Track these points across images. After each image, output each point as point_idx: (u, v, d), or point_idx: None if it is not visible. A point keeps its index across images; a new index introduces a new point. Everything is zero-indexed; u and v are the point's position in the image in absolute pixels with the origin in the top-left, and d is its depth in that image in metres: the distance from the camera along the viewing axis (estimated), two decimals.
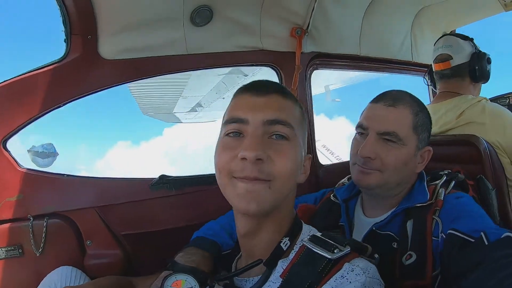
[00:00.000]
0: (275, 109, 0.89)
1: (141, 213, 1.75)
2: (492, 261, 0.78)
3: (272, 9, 1.91)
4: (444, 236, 1.04)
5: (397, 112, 1.24)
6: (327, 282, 0.80)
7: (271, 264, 0.90)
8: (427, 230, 1.12)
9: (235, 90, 1.01)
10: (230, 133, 0.89)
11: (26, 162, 1.62)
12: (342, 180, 1.61)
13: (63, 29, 1.49)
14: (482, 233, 0.90)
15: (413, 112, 1.25)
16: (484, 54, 1.97)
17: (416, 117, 1.25)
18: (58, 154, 1.70)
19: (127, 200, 1.72)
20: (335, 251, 0.85)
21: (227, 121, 0.91)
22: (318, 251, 0.86)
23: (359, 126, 1.31)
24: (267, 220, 0.90)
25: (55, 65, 1.53)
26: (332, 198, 1.48)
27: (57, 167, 1.71)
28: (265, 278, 0.89)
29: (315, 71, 2.27)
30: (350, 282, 0.78)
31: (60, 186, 1.64)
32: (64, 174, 1.64)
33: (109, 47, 1.60)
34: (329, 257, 0.84)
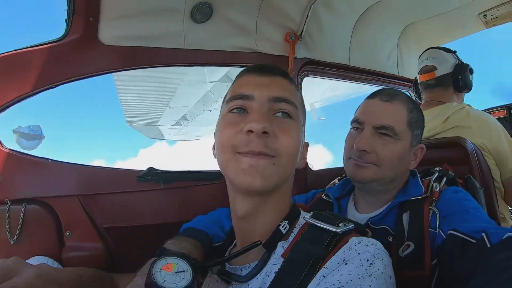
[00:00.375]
0: (280, 87, 0.90)
1: (126, 206, 1.67)
2: (494, 264, 0.76)
3: (269, 13, 1.95)
4: (444, 235, 1.03)
5: (393, 107, 1.26)
6: (336, 254, 0.78)
7: (270, 246, 0.87)
8: (424, 220, 1.13)
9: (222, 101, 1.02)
10: (234, 109, 0.89)
11: (10, 142, 1.55)
12: (333, 181, 1.61)
13: (66, 8, 1.47)
14: (483, 234, 0.88)
15: (408, 109, 1.27)
16: (467, 65, 2.09)
17: (411, 114, 1.27)
18: (44, 137, 1.64)
19: (112, 190, 1.65)
20: (340, 224, 0.85)
21: (231, 98, 0.91)
22: (323, 225, 0.86)
23: (354, 121, 1.33)
24: (267, 200, 0.89)
25: (52, 44, 1.50)
26: (323, 197, 1.47)
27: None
28: (264, 261, 0.86)
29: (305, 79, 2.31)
30: (359, 253, 0.76)
31: (43, 170, 1.55)
32: (49, 159, 1.57)
33: (109, 32, 1.59)
34: (335, 230, 0.83)
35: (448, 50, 2.17)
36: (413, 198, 1.21)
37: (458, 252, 0.92)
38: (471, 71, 2.09)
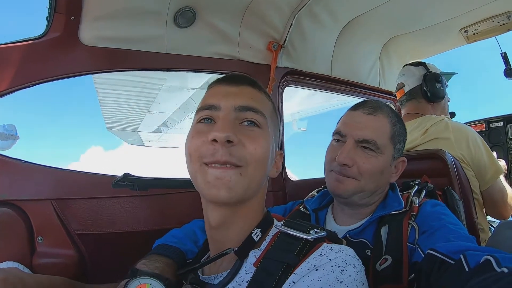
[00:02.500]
0: (247, 97, 0.91)
1: (100, 212, 1.62)
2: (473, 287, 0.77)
3: (252, 21, 1.98)
4: (422, 253, 1.02)
5: (376, 120, 1.25)
6: (306, 260, 0.78)
7: (242, 254, 0.87)
8: (403, 234, 1.12)
9: None
10: (202, 119, 0.90)
11: None
12: (311, 193, 1.60)
13: (48, 5, 1.45)
14: (461, 256, 0.87)
15: (391, 122, 1.27)
16: (433, 74, 2.13)
17: (393, 127, 1.27)
18: (18, 138, 1.60)
19: (86, 196, 1.60)
20: (311, 232, 0.85)
21: (199, 109, 0.92)
22: (294, 233, 0.86)
23: (336, 133, 1.31)
24: (239, 210, 0.89)
25: (31, 41, 1.47)
26: (301, 209, 1.46)
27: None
28: (236, 269, 0.86)
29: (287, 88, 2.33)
30: (330, 259, 0.76)
31: (16, 172, 1.49)
32: (22, 160, 1.51)
33: (90, 32, 1.58)
34: (306, 237, 0.84)
35: (418, 64, 2.24)
36: (393, 212, 1.21)
37: (436, 272, 0.92)
38: (438, 79, 2.12)
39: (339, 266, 0.74)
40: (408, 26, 2.52)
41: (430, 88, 2.11)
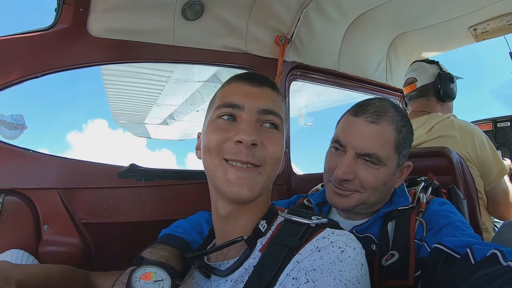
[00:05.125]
0: (268, 99, 0.95)
1: (106, 202, 1.63)
2: (476, 279, 0.76)
3: (260, 15, 1.97)
4: (429, 249, 1.00)
5: (380, 130, 1.16)
6: (309, 242, 0.83)
7: (251, 243, 0.92)
8: (410, 230, 1.10)
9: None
10: (223, 115, 0.93)
11: None
12: (316, 187, 1.57)
13: None
14: (468, 249, 0.87)
15: (396, 129, 1.17)
16: (448, 74, 2.13)
17: (399, 135, 1.18)
18: (26, 127, 1.61)
19: (92, 185, 1.61)
20: (313, 218, 0.91)
21: (221, 105, 0.94)
22: (296, 219, 0.92)
23: (336, 141, 1.23)
24: (249, 204, 0.93)
25: (41, 32, 1.48)
26: (305, 202, 1.44)
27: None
28: (245, 257, 0.90)
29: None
30: (331, 241, 0.81)
31: (24, 161, 1.51)
32: (30, 149, 1.53)
33: (99, 24, 1.58)
34: (308, 222, 0.90)
35: (431, 62, 2.24)
36: (400, 208, 1.19)
37: (442, 265, 0.92)
38: (452, 80, 2.13)
39: (340, 247, 0.80)
40: (417, 23, 2.50)
41: (444, 87, 2.11)
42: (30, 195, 1.49)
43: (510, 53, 2.32)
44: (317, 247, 0.81)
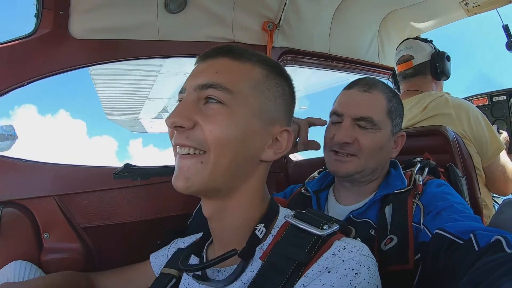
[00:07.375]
0: (211, 73, 0.80)
1: (103, 204, 1.63)
2: (481, 266, 0.75)
3: (245, 2, 1.94)
4: (429, 233, 1.00)
5: (372, 97, 1.26)
6: (317, 262, 0.72)
7: (247, 255, 0.81)
8: (407, 214, 1.11)
9: None
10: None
11: None
12: (313, 174, 1.59)
13: (35, 2, 1.43)
14: (471, 235, 0.85)
15: (386, 98, 1.27)
16: (444, 53, 2.10)
17: (389, 103, 1.27)
18: (17, 138, 1.60)
19: (88, 189, 1.60)
20: (324, 227, 0.78)
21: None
22: (306, 227, 0.79)
23: (333, 113, 1.31)
24: (228, 201, 0.84)
25: (22, 40, 1.46)
26: (302, 191, 1.45)
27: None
28: (241, 269, 0.80)
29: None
30: (343, 260, 0.71)
31: (18, 172, 1.50)
32: (23, 159, 1.52)
33: (80, 25, 1.56)
34: (319, 233, 0.77)
35: (425, 40, 2.20)
36: (396, 191, 1.20)
37: (444, 252, 0.90)
38: (448, 59, 2.10)
39: (353, 269, 0.70)
40: None
41: (441, 66, 2.09)
42: (28, 205, 1.49)
43: (503, 26, 2.28)
44: (326, 268, 0.71)
